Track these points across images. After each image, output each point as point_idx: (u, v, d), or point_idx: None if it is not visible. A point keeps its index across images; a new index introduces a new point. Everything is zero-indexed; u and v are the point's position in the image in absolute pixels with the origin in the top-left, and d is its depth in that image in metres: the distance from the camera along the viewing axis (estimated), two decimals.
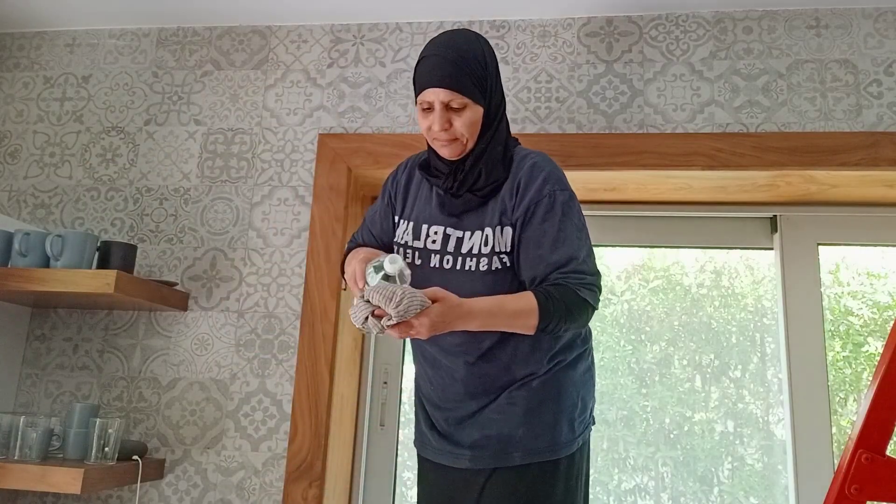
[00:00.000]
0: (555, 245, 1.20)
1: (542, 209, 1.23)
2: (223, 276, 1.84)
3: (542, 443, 1.23)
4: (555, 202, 1.23)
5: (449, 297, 1.13)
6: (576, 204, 1.27)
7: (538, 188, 1.24)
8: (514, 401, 1.24)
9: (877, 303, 1.86)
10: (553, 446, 1.23)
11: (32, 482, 1.44)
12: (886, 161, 1.65)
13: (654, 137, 1.76)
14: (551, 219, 1.22)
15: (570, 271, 1.19)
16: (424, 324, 1.10)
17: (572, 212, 1.25)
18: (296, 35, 1.98)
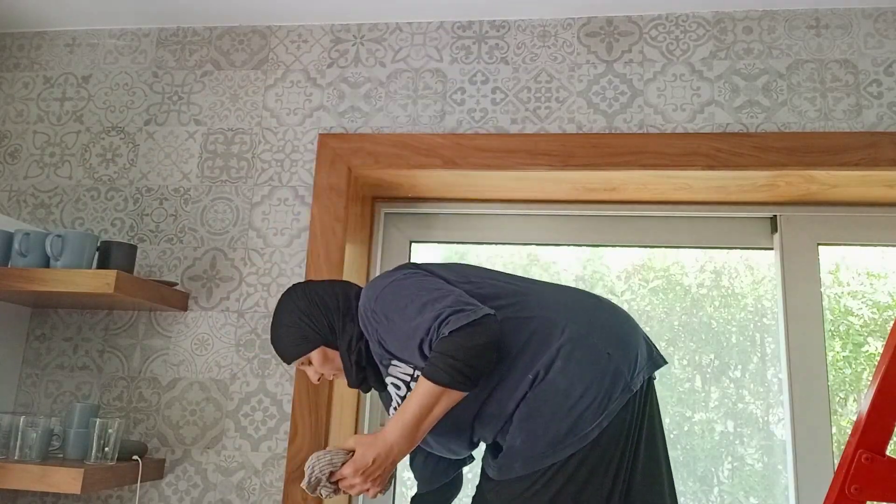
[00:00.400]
0: (402, 337, 1.24)
1: (372, 329, 1.29)
2: (223, 276, 1.84)
3: (540, 447, 1.20)
4: (377, 314, 1.27)
5: (361, 437, 1.19)
6: (383, 293, 1.27)
7: (362, 322, 1.31)
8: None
9: (877, 303, 1.86)
10: (551, 449, 1.20)
11: (32, 482, 1.44)
12: (886, 161, 1.65)
13: (654, 137, 1.76)
14: (383, 328, 1.26)
15: (428, 338, 1.20)
16: (351, 474, 1.17)
17: (385, 304, 1.26)
18: (296, 35, 1.98)
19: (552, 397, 1.21)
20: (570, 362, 1.23)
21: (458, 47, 1.91)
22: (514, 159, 1.78)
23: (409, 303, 1.23)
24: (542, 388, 1.22)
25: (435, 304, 1.20)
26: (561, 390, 1.21)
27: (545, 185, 1.87)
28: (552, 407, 1.21)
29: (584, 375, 1.22)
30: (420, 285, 1.26)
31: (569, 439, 1.19)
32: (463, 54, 1.90)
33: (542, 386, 1.22)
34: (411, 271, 1.32)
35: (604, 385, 1.22)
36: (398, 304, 1.24)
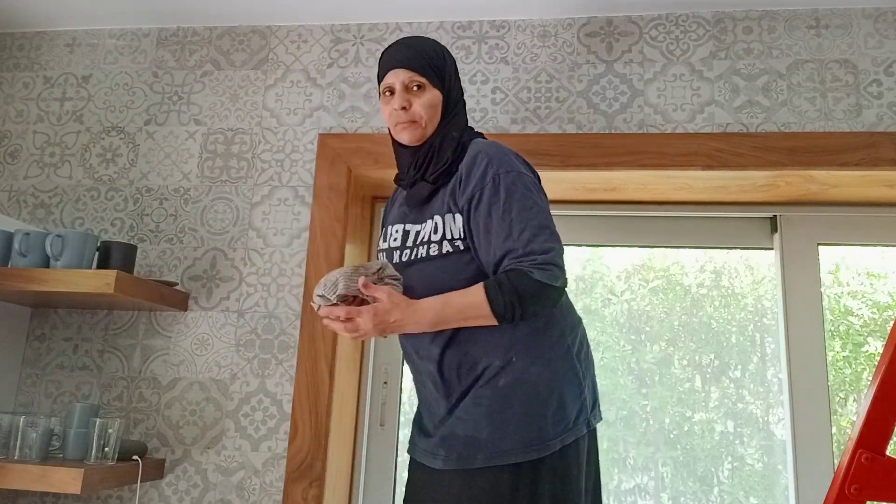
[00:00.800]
0: (503, 231, 1.20)
1: (487, 195, 1.22)
2: (223, 276, 1.84)
3: (508, 444, 1.17)
4: (499, 186, 1.22)
5: (394, 295, 1.19)
6: (523, 182, 1.24)
7: (482, 174, 1.24)
8: (479, 401, 1.21)
9: (877, 303, 1.86)
10: (519, 448, 1.17)
11: (32, 482, 1.44)
12: (886, 161, 1.65)
13: (654, 137, 1.76)
14: (496, 203, 1.21)
15: (521, 255, 1.18)
16: (367, 319, 1.17)
17: (517, 192, 1.22)
18: (296, 35, 1.98)
19: (528, 395, 1.19)
20: (555, 369, 1.22)
21: (458, 47, 1.91)
22: None
23: (535, 213, 1.21)
24: (518, 380, 1.19)
25: (550, 240, 1.19)
26: (539, 392, 1.19)
27: (545, 185, 1.86)
28: (525, 406, 1.18)
29: (562, 386, 1.21)
30: (546, 208, 1.25)
31: (535, 444, 1.17)
32: (463, 54, 1.90)
33: (518, 377, 1.19)
34: (537, 184, 1.29)
35: (574, 406, 1.22)
36: (524, 202, 1.21)
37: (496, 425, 1.17)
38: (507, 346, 1.22)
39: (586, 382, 1.26)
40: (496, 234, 1.20)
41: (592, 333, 1.92)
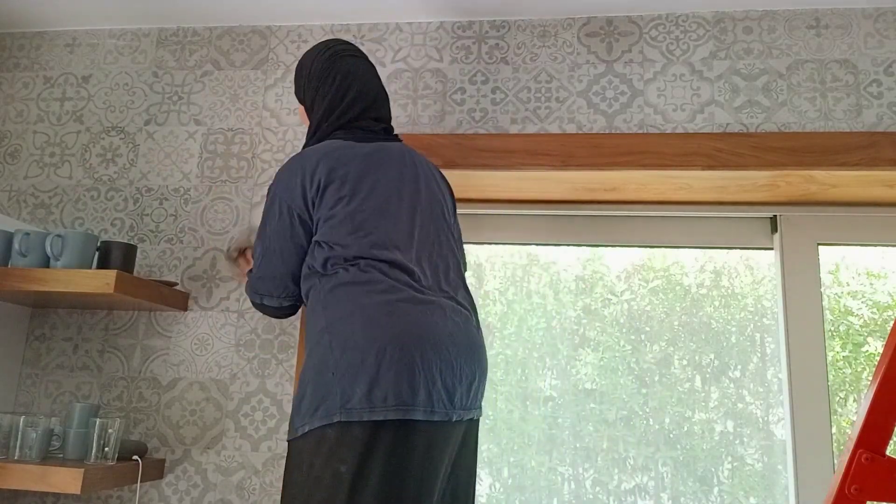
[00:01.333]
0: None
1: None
2: (223, 276, 1.84)
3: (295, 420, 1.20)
4: (267, 194, 1.40)
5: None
6: (270, 198, 1.36)
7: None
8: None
9: (877, 303, 1.86)
10: (291, 427, 1.20)
11: (32, 482, 1.44)
12: (886, 161, 1.65)
13: (654, 137, 1.76)
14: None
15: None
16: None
17: (266, 206, 1.38)
18: (296, 35, 1.98)
19: (339, 358, 1.17)
20: (331, 348, 1.19)
21: (458, 47, 1.91)
22: (514, 159, 1.78)
23: (260, 238, 1.38)
24: (335, 339, 1.19)
25: (257, 266, 1.38)
26: (356, 356, 1.17)
27: (545, 185, 1.87)
28: (333, 367, 1.17)
29: (322, 373, 1.18)
30: (270, 227, 1.36)
31: (294, 424, 1.19)
32: (463, 54, 1.90)
33: (336, 337, 1.19)
34: (276, 198, 1.36)
35: (318, 391, 1.17)
36: (265, 223, 1.37)
37: (316, 384, 1.21)
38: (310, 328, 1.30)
39: (338, 375, 1.18)
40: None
41: (592, 333, 1.92)
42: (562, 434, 1.87)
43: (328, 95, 1.42)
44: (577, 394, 1.89)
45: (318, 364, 1.20)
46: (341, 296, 1.23)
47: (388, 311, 1.21)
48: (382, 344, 1.17)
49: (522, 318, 1.96)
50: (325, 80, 1.42)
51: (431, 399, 1.17)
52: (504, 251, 2.03)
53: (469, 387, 1.25)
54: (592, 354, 1.92)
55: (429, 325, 1.22)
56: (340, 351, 1.18)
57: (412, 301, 1.23)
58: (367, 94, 1.43)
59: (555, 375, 1.92)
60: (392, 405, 1.14)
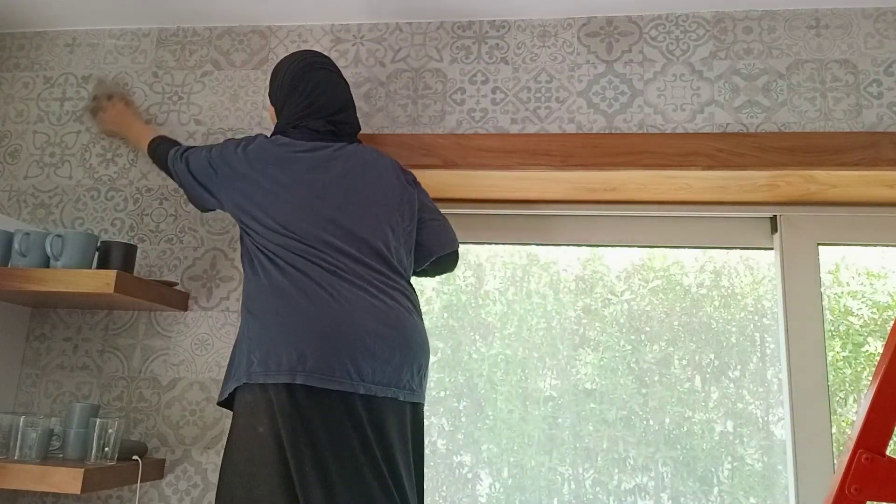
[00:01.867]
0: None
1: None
2: (223, 276, 1.84)
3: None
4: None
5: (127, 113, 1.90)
6: (221, 149, 1.54)
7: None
8: None
9: (877, 303, 1.86)
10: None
11: (32, 482, 1.44)
12: (886, 161, 1.65)
13: (654, 137, 1.76)
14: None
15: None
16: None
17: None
18: (296, 35, 1.98)
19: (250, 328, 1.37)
20: (262, 316, 1.36)
21: (458, 47, 1.91)
22: (514, 159, 1.78)
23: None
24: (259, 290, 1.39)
25: (192, 152, 1.59)
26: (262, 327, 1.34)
27: (545, 185, 1.87)
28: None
29: (252, 337, 1.35)
30: (203, 150, 1.57)
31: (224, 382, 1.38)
32: (463, 54, 1.90)
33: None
34: (224, 144, 1.54)
35: (241, 359, 1.34)
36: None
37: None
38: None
39: (246, 345, 1.35)
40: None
41: (592, 333, 1.92)
42: (562, 434, 1.88)
43: (297, 101, 1.54)
44: (577, 394, 1.89)
45: (237, 339, 1.39)
46: (259, 284, 1.38)
47: (297, 296, 1.34)
48: (285, 318, 1.32)
49: (522, 318, 1.96)
50: (296, 88, 1.55)
51: (330, 367, 1.28)
52: (504, 251, 2.03)
53: (385, 364, 1.33)
54: (592, 354, 1.92)
55: (335, 305, 1.33)
56: (249, 327, 1.36)
57: (322, 287, 1.34)
58: (332, 104, 1.56)
59: (555, 375, 1.92)
60: (285, 370, 1.27)
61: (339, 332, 1.30)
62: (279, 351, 1.29)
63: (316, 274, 1.35)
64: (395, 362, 1.34)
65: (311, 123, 1.53)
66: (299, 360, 1.27)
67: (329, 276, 1.35)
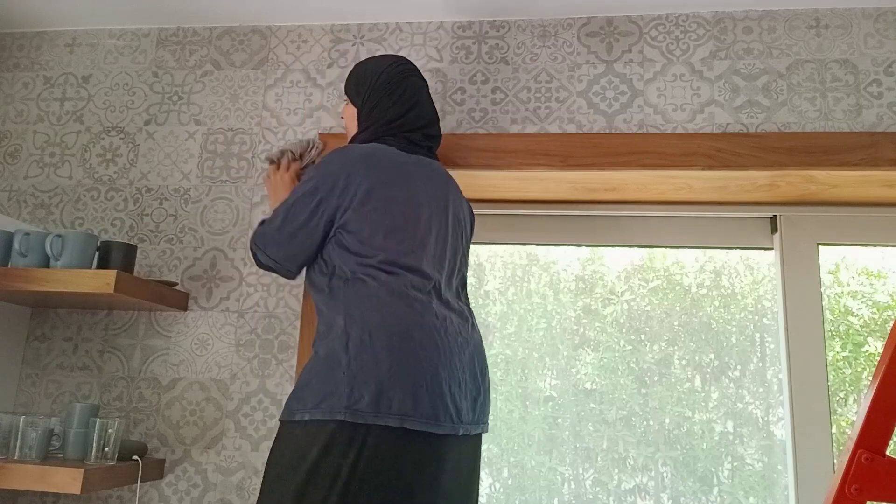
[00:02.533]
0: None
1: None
2: (223, 276, 1.84)
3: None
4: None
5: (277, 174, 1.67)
6: (308, 186, 1.38)
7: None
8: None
9: (877, 303, 1.86)
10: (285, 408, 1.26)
11: (32, 482, 1.44)
12: (886, 161, 1.65)
13: (654, 137, 1.76)
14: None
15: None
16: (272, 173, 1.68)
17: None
18: (296, 35, 1.98)
19: (353, 358, 1.23)
20: (335, 355, 1.25)
21: (458, 47, 1.91)
22: (514, 159, 1.78)
23: (284, 204, 1.41)
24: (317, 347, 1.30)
25: (273, 218, 1.41)
26: (370, 360, 1.22)
27: (545, 185, 1.87)
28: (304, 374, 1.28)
29: (319, 368, 1.25)
30: (301, 196, 1.38)
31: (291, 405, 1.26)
32: (463, 54, 1.90)
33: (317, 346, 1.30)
34: (321, 177, 1.38)
35: (323, 389, 1.22)
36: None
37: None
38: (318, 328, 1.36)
39: (349, 374, 1.22)
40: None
41: (592, 333, 1.92)
42: (562, 434, 1.87)
43: (392, 107, 1.46)
44: (577, 394, 1.89)
45: (328, 357, 1.24)
46: (364, 299, 1.27)
47: (408, 322, 1.25)
48: (398, 353, 1.21)
49: (522, 318, 1.96)
50: (393, 93, 1.47)
51: (437, 411, 1.20)
52: (504, 251, 2.03)
53: (474, 402, 1.30)
54: (592, 354, 1.92)
55: (442, 340, 1.27)
56: (356, 351, 1.22)
57: (431, 313, 1.28)
58: (425, 115, 1.50)
59: (555, 375, 1.92)
60: (395, 412, 1.17)
61: (445, 371, 1.23)
62: (392, 391, 1.18)
63: (423, 302, 1.28)
64: (482, 398, 1.33)
65: (410, 135, 1.46)
66: (414, 405, 1.19)
67: (436, 305, 1.30)
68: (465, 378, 1.28)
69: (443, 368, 1.23)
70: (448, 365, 1.25)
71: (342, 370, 1.21)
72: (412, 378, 1.20)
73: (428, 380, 1.21)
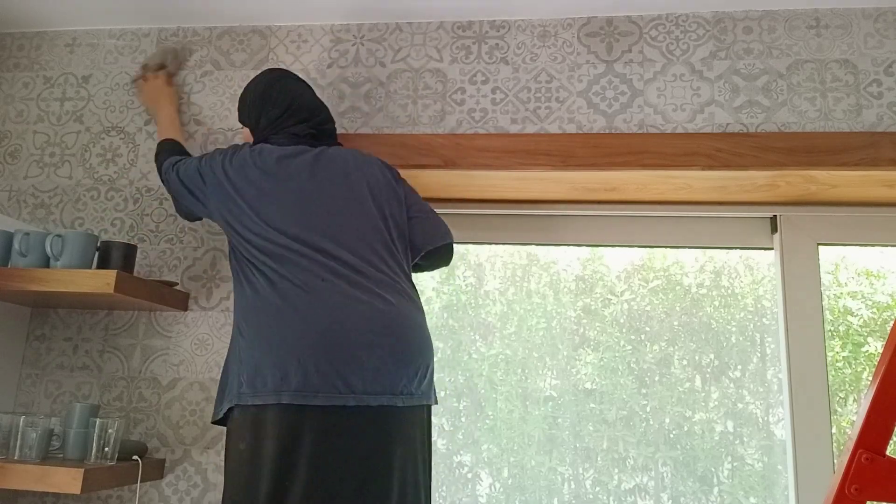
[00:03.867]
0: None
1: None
2: (223, 276, 1.84)
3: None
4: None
5: (167, 89, 1.91)
6: (210, 159, 1.54)
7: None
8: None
9: (877, 303, 1.86)
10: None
11: (32, 482, 1.44)
12: (886, 161, 1.65)
13: (654, 137, 1.76)
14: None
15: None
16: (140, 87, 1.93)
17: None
18: (296, 35, 1.98)
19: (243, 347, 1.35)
20: (252, 335, 1.34)
21: (458, 47, 1.91)
22: (514, 159, 1.78)
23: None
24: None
25: (183, 163, 1.59)
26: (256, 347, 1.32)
27: (545, 185, 1.87)
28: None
29: (245, 355, 1.33)
30: (196, 160, 1.56)
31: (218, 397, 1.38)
32: (463, 54, 1.90)
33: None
34: (214, 154, 1.55)
35: (232, 378, 1.33)
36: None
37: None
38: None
39: (243, 360, 1.33)
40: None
41: (592, 333, 1.92)
42: (562, 434, 1.88)
43: (272, 109, 1.57)
44: (577, 394, 1.89)
45: (229, 352, 1.39)
46: (253, 302, 1.36)
47: (297, 306, 1.32)
48: (278, 341, 1.30)
49: (522, 318, 1.96)
50: (269, 98, 1.58)
51: (309, 383, 1.26)
52: (504, 251, 2.03)
53: (376, 372, 1.29)
54: (592, 354, 1.92)
55: (337, 320, 1.31)
56: (248, 341, 1.33)
57: (320, 296, 1.33)
58: (308, 108, 1.59)
59: (555, 375, 1.92)
60: (271, 390, 1.26)
61: (325, 346, 1.28)
62: (264, 371, 1.28)
63: (306, 282, 1.33)
64: (390, 369, 1.31)
65: (292, 128, 1.55)
66: (283, 379, 1.26)
67: (320, 283, 1.33)
68: (363, 352, 1.29)
69: (319, 344, 1.28)
70: (330, 341, 1.29)
71: (233, 363, 1.36)
72: (282, 355, 1.28)
73: (299, 356, 1.27)
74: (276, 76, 1.62)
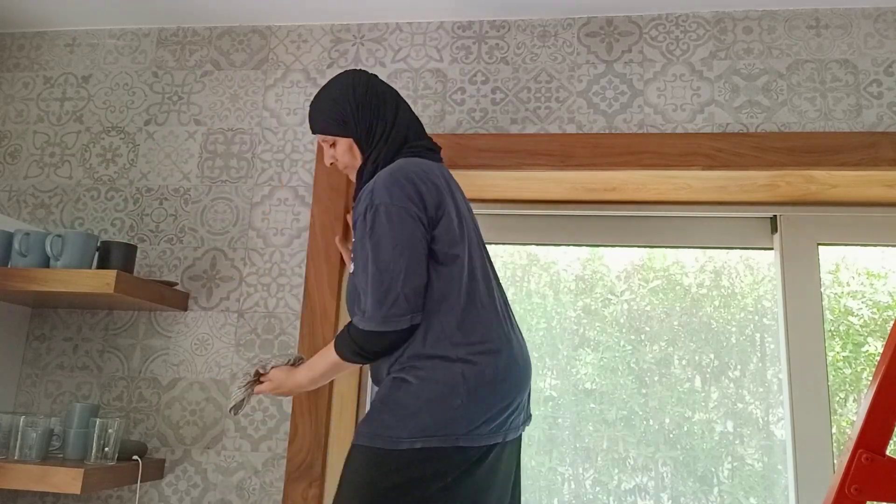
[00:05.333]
0: (362, 282, 1.26)
1: (358, 229, 1.26)
2: (223, 276, 1.84)
3: (363, 427, 1.21)
4: (365, 219, 1.24)
5: (280, 370, 1.39)
6: (382, 214, 1.21)
7: (358, 207, 1.27)
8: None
9: (877, 303, 1.86)
10: (362, 432, 1.21)
11: (32, 482, 1.44)
12: (886, 161, 1.65)
13: (654, 137, 1.76)
14: (359, 240, 1.26)
15: (359, 291, 1.28)
16: (267, 391, 1.41)
17: (374, 225, 1.22)
18: (296, 35, 1.98)
19: (402, 390, 1.21)
20: (437, 386, 1.20)
21: (458, 47, 1.91)
22: (514, 159, 1.78)
23: (376, 270, 1.21)
24: (399, 381, 1.23)
25: (381, 285, 1.20)
26: (410, 391, 1.21)
27: (545, 185, 1.87)
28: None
29: (434, 401, 1.20)
30: (396, 242, 1.20)
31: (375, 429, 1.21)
32: (463, 54, 1.90)
33: (401, 380, 1.22)
34: (403, 208, 1.22)
35: (436, 417, 1.18)
36: (377, 253, 1.21)
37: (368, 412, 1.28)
38: (389, 369, 1.27)
39: (473, 396, 1.23)
40: (360, 278, 1.26)
41: (592, 333, 1.92)
42: (562, 434, 1.87)
43: (388, 112, 1.36)
44: (577, 394, 1.89)
45: (443, 387, 1.19)
46: (476, 326, 1.25)
47: (506, 343, 1.28)
48: (503, 377, 1.24)
49: (522, 318, 1.96)
50: (379, 106, 1.36)
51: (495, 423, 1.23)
52: (504, 251, 2.03)
53: (518, 406, 1.30)
54: (592, 354, 1.92)
55: (518, 363, 1.29)
56: (475, 383, 1.20)
57: (510, 328, 1.31)
58: (416, 120, 1.42)
59: (555, 375, 1.92)
60: (496, 430, 1.22)
61: (520, 381, 1.28)
62: (496, 409, 1.22)
63: (497, 313, 1.28)
64: (525, 401, 1.33)
65: (423, 142, 1.38)
66: (508, 417, 1.25)
67: (506, 314, 1.32)
68: (525, 386, 1.33)
69: (520, 380, 1.29)
70: (521, 375, 1.30)
71: (452, 396, 1.19)
72: (508, 392, 1.25)
73: (513, 394, 1.27)
74: (368, 77, 1.40)
